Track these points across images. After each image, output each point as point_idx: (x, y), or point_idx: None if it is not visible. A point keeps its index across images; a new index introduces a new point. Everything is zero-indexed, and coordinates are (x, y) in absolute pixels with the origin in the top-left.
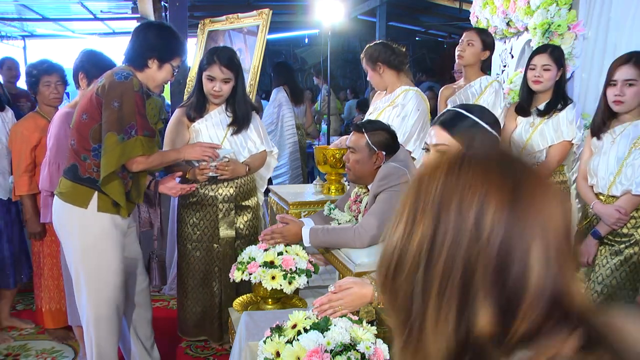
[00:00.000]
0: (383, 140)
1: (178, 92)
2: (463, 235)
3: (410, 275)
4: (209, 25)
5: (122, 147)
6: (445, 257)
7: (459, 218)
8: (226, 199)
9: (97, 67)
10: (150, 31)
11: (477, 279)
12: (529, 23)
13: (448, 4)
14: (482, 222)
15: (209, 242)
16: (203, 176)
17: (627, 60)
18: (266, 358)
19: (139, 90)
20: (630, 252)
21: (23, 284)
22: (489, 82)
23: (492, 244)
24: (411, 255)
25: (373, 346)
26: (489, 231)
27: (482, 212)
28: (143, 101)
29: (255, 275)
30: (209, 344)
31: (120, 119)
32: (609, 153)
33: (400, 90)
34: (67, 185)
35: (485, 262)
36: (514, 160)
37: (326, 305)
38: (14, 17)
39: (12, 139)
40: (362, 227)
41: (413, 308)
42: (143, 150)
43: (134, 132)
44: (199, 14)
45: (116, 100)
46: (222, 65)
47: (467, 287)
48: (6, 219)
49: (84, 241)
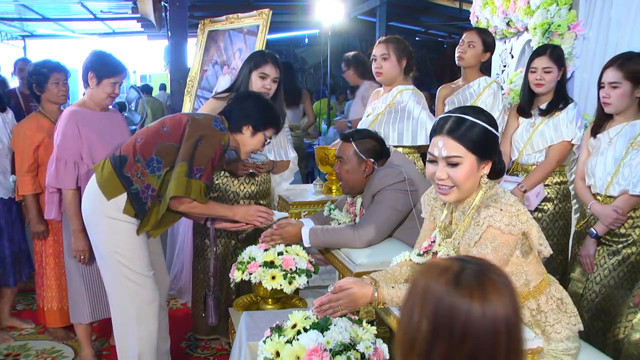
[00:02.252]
0: (371, 148)
1: (178, 92)
2: (444, 330)
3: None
4: (209, 25)
5: (187, 181)
6: (443, 342)
7: (452, 313)
8: (247, 196)
9: (106, 67)
10: (252, 100)
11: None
12: (529, 23)
13: (448, 4)
14: (471, 317)
15: (227, 239)
16: (244, 172)
17: (612, 63)
18: (266, 358)
19: (224, 146)
20: (627, 252)
21: (23, 284)
22: (487, 83)
23: (471, 332)
24: (420, 338)
25: (373, 346)
26: (477, 321)
27: (469, 316)
28: (221, 157)
29: (255, 275)
30: (209, 343)
31: (194, 157)
32: (607, 153)
33: (397, 90)
34: (108, 170)
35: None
36: (490, 270)
37: (326, 305)
38: (14, 17)
39: (15, 139)
40: (362, 226)
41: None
42: (199, 196)
43: (199, 176)
44: (199, 14)
45: (201, 140)
46: (274, 65)
47: None
48: (7, 217)
49: (107, 231)
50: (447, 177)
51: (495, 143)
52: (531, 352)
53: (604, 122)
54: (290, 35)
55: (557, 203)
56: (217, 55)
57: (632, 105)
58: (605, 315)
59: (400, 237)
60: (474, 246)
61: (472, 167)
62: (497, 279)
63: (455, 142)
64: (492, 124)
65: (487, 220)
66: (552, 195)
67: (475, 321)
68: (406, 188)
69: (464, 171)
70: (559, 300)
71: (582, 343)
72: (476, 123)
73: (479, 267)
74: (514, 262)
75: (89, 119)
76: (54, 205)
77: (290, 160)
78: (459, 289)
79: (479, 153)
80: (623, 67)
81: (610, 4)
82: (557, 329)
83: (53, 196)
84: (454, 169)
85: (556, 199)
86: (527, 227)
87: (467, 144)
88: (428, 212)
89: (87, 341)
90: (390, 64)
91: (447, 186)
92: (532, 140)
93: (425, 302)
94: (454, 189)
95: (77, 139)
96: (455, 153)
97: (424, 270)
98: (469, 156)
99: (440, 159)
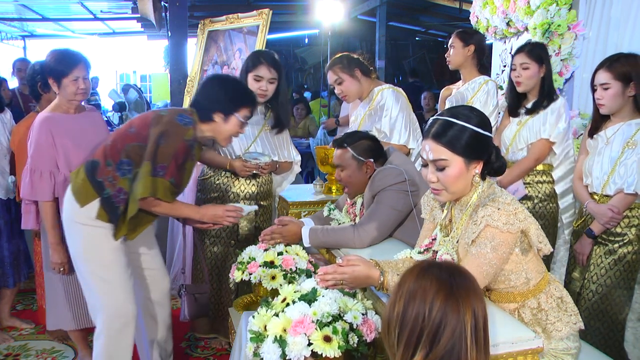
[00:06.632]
0: (367, 148)
1: (178, 92)
2: (420, 314)
3: (392, 333)
4: (209, 25)
5: (153, 180)
6: (410, 326)
7: (420, 305)
8: (248, 196)
9: (59, 66)
10: (215, 84)
11: (424, 339)
12: (529, 23)
13: (448, 4)
14: (433, 309)
15: (227, 239)
16: (247, 173)
17: (602, 65)
18: (251, 330)
19: (188, 140)
20: (624, 251)
21: (23, 284)
22: (484, 81)
23: (434, 321)
24: (392, 321)
25: (362, 316)
26: (434, 313)
27: (433, 302)
28: (187, 152)
29: (255, 275)
30: (209, 343)
31: (156, 155)
32: (603, 153)
33: (377, 90)
34: (81, 176)
35: (428, 331)
36: (454, 271)
37: (330, 275)
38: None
39: (15, 139)
40: (362, 227)
41: (393, 349)
42: (165, 195)
43: (162, 174)
44: (199, 14)
45: (163, 137)
46: (269, 66)
47: (417, 342)
48: (6, 218)
49: (82, 238)
50: (437, 180)
51: (485, 143)
52: (531, 352)
53: (600, 124)
54: (290, 35)
55: (537, 202)
56: (217, 55)
57: (626, 105)
58: (603, 315)
59: (400, 237)
60: (473, 245)
61: (461, 169)
62: (463, 272)
63: (440, 146)
64: (482, 123)
65: (485, 220)
66: (532, 194)
67: (439, 308)
68: (407, 188)
69: (451, 174)
70: (559, 299)
71: (582, 343)
72: (462, 126)
73: (446, 264)
74: (513, 260)
75: (63, 124)
76: (31, 215)
77: (292, 162)
78: (425, 278)
79: (465, 155)
80: (611, 68)
81: (610, 4)
82: (558, 327)
83: (30, 207)
84: (442, 173)
85: (537, 198)
86: (526, 225)
87: (452, 147)
88: (428, 212)
89: (84, 343)
90: (347, 83)
91: (438, 188)
92: (517, 139)
93: (399, 288)
94: (444, 191)
95: (52, 149)
96: (441, 157)
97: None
98: (456, 159)
99: (429, 162)
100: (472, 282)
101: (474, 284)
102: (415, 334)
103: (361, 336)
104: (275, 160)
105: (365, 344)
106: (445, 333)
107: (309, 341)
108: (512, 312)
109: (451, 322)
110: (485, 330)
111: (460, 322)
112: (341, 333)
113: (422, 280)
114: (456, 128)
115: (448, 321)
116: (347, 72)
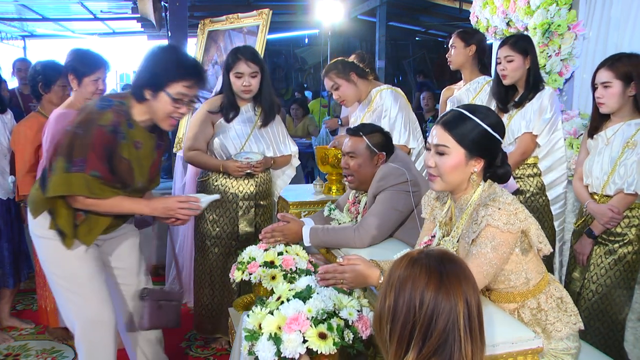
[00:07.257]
0: (381, 142)
1: None
2: (411, 307)
3: (384, 328)
4: (209, 25)
5: (66, 176)
6: (402, 320)
7: (411, 297)
8: (246, 197)
9: (84, 65)
10: (148, 56)
11: (416, 334)
12: (529, 23)
13: (448, 4)
14: (424, 301)
15: (227, 239)
16: (240, 173)
17: (603, 64)
18: (246, 329)
19: (106, 126)
20: (624, 251)
21: (23, 284)
22: (485, 82)
23: (426, 313)
24: (384, 316)
25: (357, 313)
26: (426, 305)
27: (424, 294)
28: (106, 139)
29: (255, 275)
30: (209, 343)
31: (71, 147)
32: (603, 153)
33: (375, 91)
34: (35, 186)
35: (421, 324)
36: (443, 258)
37: (330, 274)
38: (14, 17)
39: (15, 139)
40: (362, 226)
41: (386, 346)
42: (85, 191)
43: (81, 168)
44: (199, 14)
45: (79, 127)
46: (247, 61)
47: (410, 337)
48: (6, 218)
49: (42, 251)
50: (435, 166)
51: (493, 144)
52: (531, 352)
53: (600, 124)
54: (290, 35)
55: (529, 196)
56: (217, 55)
57: (626, 105)
58: (603, 315)
59: (400, 238)
60: (473, 244)
61: (460, 160)
62: (454, 259)
63: (446, 132)
64: (495, 125)
65: (485, 219)
66: (524, 188)
67: (430, 299)
68: (408, 189)
69: (449, 162)
70: (558, 299)
71: (582, 343)
72: (475, 122)
73: (435, 252)
74: (513, 260)
75: None
76: None
77: (291, 155)
78: (414, 267)
79: (468, 148)
80: (613, 67)
81: (610, 4)
82: (558, 327)
83: None
84: (441, 158)
85: (528, 192)
86: (526, 225)
87: (456, 136)
88: (428, 212)
89: None
90: (343, 88)
91: (434, 174)
92: (506, 133)
93: (389, 279)
94: (439, 178)
95: None
96: (443, 142)
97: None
98: (457, 148)
99: (432, 146)
100: (463, 269)
101: (465, 270)
102: (407, 328)
103: (356, 333)
104: (270, 156)
105: (361, 340)
106: (438, 325)
107: (304, 338)
108: (511, 312)
109: (443, 312)
110: (480, 318)
111: (453, 312)
112: (336, 330)
113: (411, 269)
114: (469, 122)
115: (440, 312)
116: (343, 77)
